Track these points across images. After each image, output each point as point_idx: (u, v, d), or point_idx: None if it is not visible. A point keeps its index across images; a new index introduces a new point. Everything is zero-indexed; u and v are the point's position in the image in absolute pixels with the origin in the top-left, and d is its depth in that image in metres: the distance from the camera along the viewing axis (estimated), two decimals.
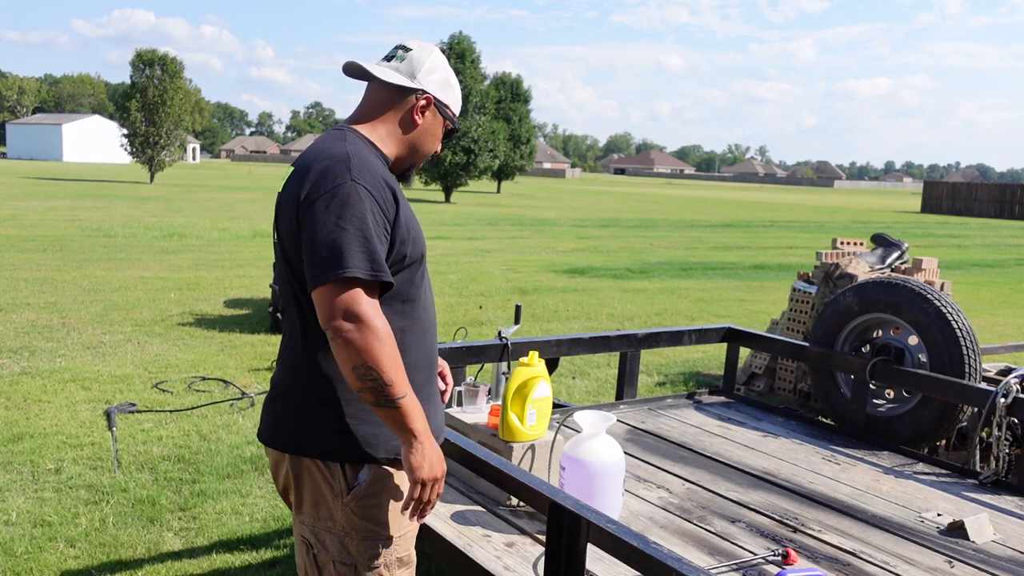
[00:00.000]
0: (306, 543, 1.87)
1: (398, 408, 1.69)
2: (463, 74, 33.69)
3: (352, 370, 1.67)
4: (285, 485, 1.92)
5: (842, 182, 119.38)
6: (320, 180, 1.72)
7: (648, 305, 10.38)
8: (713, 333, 4.27)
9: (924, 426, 3.56)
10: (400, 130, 1.90)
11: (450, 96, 1.95)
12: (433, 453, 1.77)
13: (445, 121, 1.96)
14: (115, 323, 7.90)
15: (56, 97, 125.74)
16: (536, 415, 2.66)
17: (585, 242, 18.62)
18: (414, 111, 1.89)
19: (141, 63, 37.91)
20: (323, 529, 1.84)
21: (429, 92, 1.90)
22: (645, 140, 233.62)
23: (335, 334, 1.66)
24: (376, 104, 1.89)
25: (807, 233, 24.14)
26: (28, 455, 4.48)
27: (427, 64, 1.90)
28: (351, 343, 1.65)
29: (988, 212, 40.17)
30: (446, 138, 2.01)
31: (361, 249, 1.67)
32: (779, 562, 2.38)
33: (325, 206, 1.69)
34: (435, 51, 1.94)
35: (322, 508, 1.83)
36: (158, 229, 16.85)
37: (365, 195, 1.71)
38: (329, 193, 1.70)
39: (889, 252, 5.82)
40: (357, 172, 1.73)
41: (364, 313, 1.65)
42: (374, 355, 1.65)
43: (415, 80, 1.88)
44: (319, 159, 1.77)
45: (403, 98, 1.89)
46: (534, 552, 2.40)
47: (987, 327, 9.54)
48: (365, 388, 1.68)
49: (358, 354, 1.65)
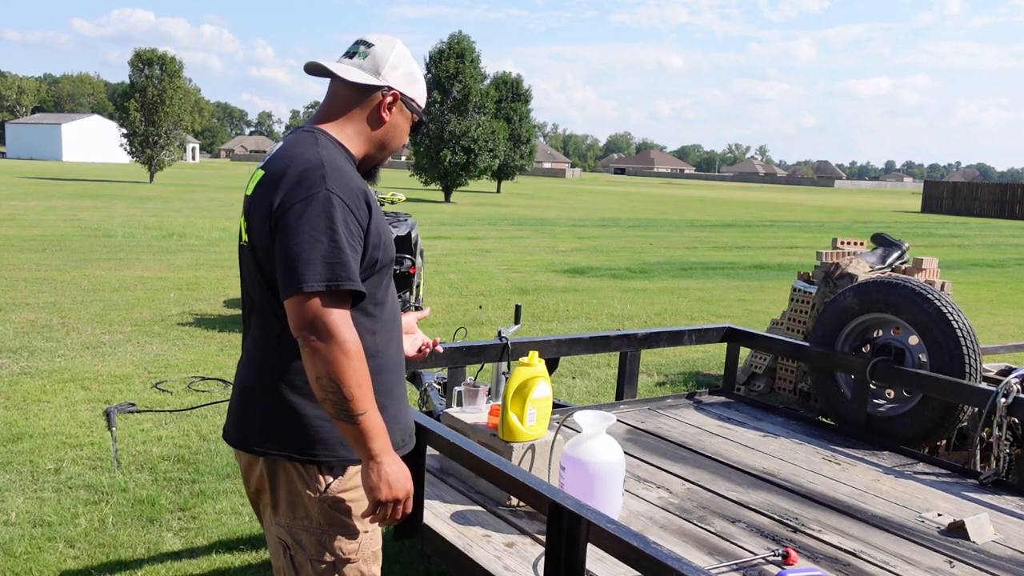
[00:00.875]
0: (283, 544, 1.87)
1: (357, 425, 1.68)
2: (463, 74, 33.68)
3: (316, 380, 1.67)
4: (258, 488, 1.90)
5: (842, 182, 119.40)
6: (295, 187, 1.70)
7: (648, 305, 10.38)
8: (713, 333, 4.27)
9: (924, 426, 3.55)
10: (368, 128, 1.87)
11: (415, 89, 1.92)
12: (392, 473, 1.74)
13: (412, 115, 1.93)
14: (115, 323, 7.90)
15: (55, 97, 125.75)
16: (536, 415, 2.66)
17: (585, 242, 18.62)
18: (381, 108, 1.86)
19: (140, 63, 37.91)
20: (300, 528, 1.83)
21: (395, 88, 1.86)
22: (645, 140, 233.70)
23: (304, 342, 1.67)
24: (341, 102, 1.86)
25: (807, 233, 24.14)
26: (28, 455, 4.48)
27: (391, 59, 1.86)
28: (317, 353, 1.65)
29: (988, 212, 40.17)
30: (414, 131, 1.98)
31: (334, 260, 1.67)
32: (779, 562, 2.38)
33: (299, 215, 1.68)
34: (397, 44, 1.89)
35: (298, 508, 1.83)
36: (158, 229, 16.85)
37: (339, 204, 1.70)
38: (304, 201, 1.68)
39: (889, 252, 5.82)
40: (332, 181, 1.71)
41: (333, 325, 1.66)
42: (338, 369, 1.65)
43: (380, 77, 1.84)
44: (292, 164, 1.74)
45: (368, 96, 1.85)
46: (534, 552, 2.40)
47: (987, 327, 9.54)
48: (327, 399, 1.68)
49: (323, 366, 1.65)
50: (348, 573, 1.85)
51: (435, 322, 8.48)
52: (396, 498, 1.76)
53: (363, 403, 1.68)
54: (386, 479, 1.73)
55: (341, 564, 1.84)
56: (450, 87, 33.54)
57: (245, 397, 1.88)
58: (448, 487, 2.84)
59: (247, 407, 1.87)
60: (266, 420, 1.82)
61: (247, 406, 1.87)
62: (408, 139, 2.00)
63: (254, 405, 1.85)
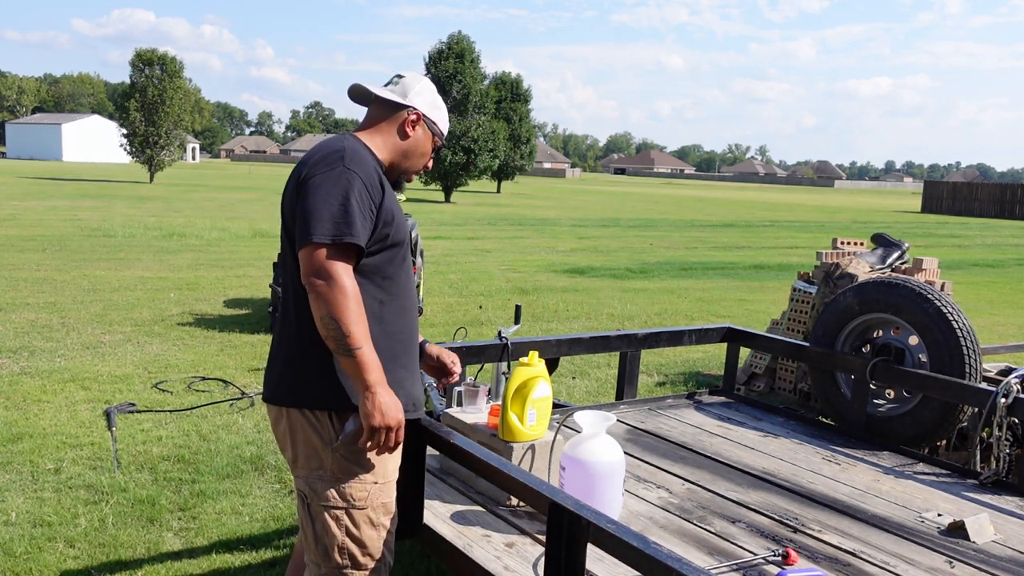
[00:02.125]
0: (302, 495, 2.11)
1: (354, 358, 1.93)
2: (462, 74, 33.67)
3: (320, 320, 1.93)
4: (283, 445, 2.15)
5: (842, 182, 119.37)
6: (318, 163, 2.03)
7: (648, 305, 10.38)
8: (713, 333, 4.27)
9: (924, 426, 3.55)
10: (393, 139, 2.22)
11: (437, 115, 2.29)
12: (385, 403, 1.97)
13: (434, 137, 2.29)
14: (115, 323, 7.90)
15: (55, 97, 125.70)
16: (536, 415, 2.66)
17: (585, 242, 18.62)
18: (405, 124, 2.22)
19: (140, 63, 37.90)
20: (316, 478, 2.08)
21: (418, 109, 2.23)
22: (645, 140, 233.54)
23: (310, 287, 1.94)
24: (374, 118, 2.23)
25: (807, 233, 24.14)
26: (28, 455, 4.48)
27: (416, 87, 2.25)
28: (320, 296, 1.92)
29: (988, 212, 40.16)
30: (435, 152, 2.33)
31: (341, 219, 1.95)
32: (779, 562, 2.38)
33: (318, 183, 1.99)
34: (425, 79, 2.31)
35: (313, 458, 2.08)
36: (158, 229, 16.85)
37: (354, 177, 2.00)
38: (323, 174, 2.00)
39: (889, 252, 5.82)
40: (350, 160, 2.03)
41: (335, 271, 1.92)
42: (338, 308, 1.91)
43: (406, 99, 2.22)
44: (319, 150, 2.08)
45: (396, 112, 2.22)
46: (534, 552, 2.40)
47: (987, 327, 9.54)
48: (329, 336, 1.94)
49: (325, 306, 1.91)
50: (358, 519, 2.09)
51: (435, 322, 8.48)
52: (388, 425, 1.98)
53: (359, 339, 1.93)
54: (379, 407, 1.96)
55: (352, 510, 2.08)
56: (450, 87, 33.54)
57: (273, 357, 2.18)
58: (448, 487, 2.84)
59: (274, 365, 2.16)
60: (288, 376, 2.10)
61: (274, 364, 2.16)
62: (431, 160, 2.33)
63: (278, 363, 2.14)
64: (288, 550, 3.56)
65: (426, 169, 2.36)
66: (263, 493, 4.14)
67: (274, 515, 3.89)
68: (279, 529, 3.76)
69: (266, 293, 9.25)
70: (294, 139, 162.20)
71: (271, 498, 4.08)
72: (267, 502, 4.03)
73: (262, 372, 6.29)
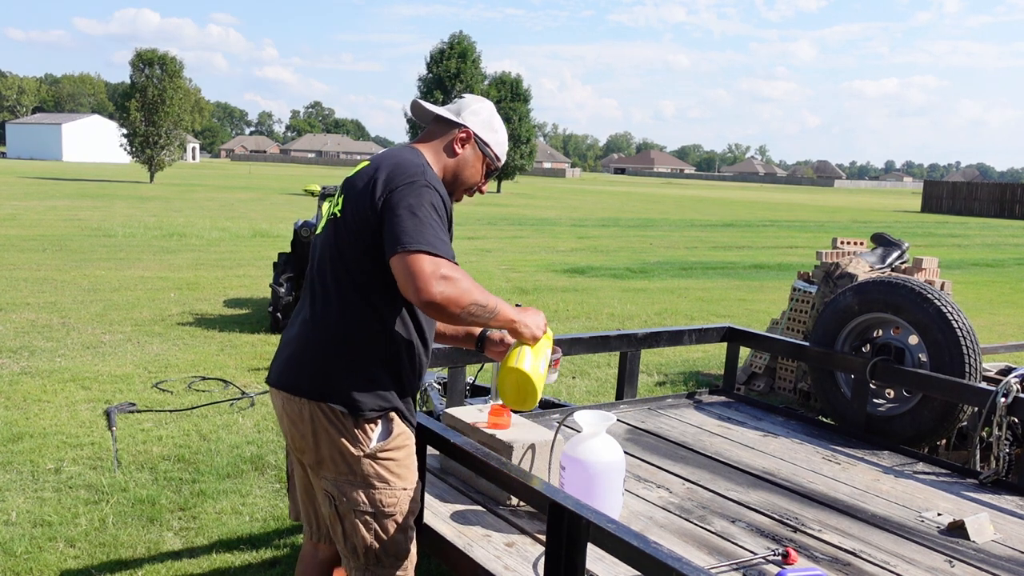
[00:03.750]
0: (329, 495, 2.12)
1: (499, 317, 2.09)
2: (464, 73, 33.68)
3: (460, 317, 1.98)
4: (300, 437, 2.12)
5: (842, 182, 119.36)
6: (401, 171, 2.05)
7: (648, 305, 10.38)
8: (713, 333, 4.27)
9: (924, 426, 3.55)
10: (443, 156, 2.24)
11: (491, 137, 2.28)
12: (530, 322, 2.23)
13: (486, 159, 2.29)
14: (115, 323, 7.90)
15: (56, 97, 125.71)
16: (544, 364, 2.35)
17: (585, 242, 18.62)
18: (455, 141, 2.24)
19: (141, 63, 37.92)
20: (344, 482, 2.10)
21: (470, 128, 2.24)
22: (645, 140, 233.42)
23: (430, 297, 1.93)
24: (428, 134, 2.28)
25: (807, 233, 24.14)
26: (28, 455, 4.48)
27: (473, 107, 2.28)
28: (449, 298, 1.94)
29: (988, 212, 40.16)
30: (488, 175, 2.33)
31: (438, 236, 1.99)
32: (779, 562, 2.38)
33: (405, 194, 2.01)
34: (485, 102, 2.34)
35: (341, 463, 2.09)
36: (158, 229, 16.85)
37: (435, 194, 2.05)
38: (407, 184, 2.02)
39: (889, 252, 5.82)
40: (430, 177, 2.08)
41: (446, 270, 1.95)
42: (471, 296, 1.98)
43: (460, 117, 2.25)
44: (399, 158, 2.12)
45: (448, 129, 2.25)
46: (534, 552, 2.40)
47: (987, 327, 9.54)
48: (473, 321, 2.03)
49: (457, 304, 1.96)
50: (387, 524, 2.12)
51: None
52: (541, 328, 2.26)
53: (493, 301, 2.06)
54: (528, 328, 2.22)
55: (381, 517, 2.11)
56: (451, 87, 33.54)
57: (295, 347, 2.14)
58: (448, 487, 2.84)
59: (299, 357, 2.12)
60: (314, 368, 2.09)
61: (298, 354, 2.13)
62: (484, 180, 2.34)
63: (305, 355, 2.11)
64: (288, 550, 3.56)
65: (480, 191, 2.36)
66: (263, 493, 4.14)
67: (274, 515, 3.89)
68: (279, 529, 3.76)
69: (266, 293, 9.25)
70: (294, 139, 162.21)
71: (271, 498, 4.08)
72: (267, 502, 4.04)
73: (262, 372, 6.32)
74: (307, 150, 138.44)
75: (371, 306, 2.07)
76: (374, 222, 2.02)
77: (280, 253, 8.16)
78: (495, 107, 2.35)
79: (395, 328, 2.11)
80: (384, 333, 2.09)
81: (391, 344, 2.11)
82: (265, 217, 21.05)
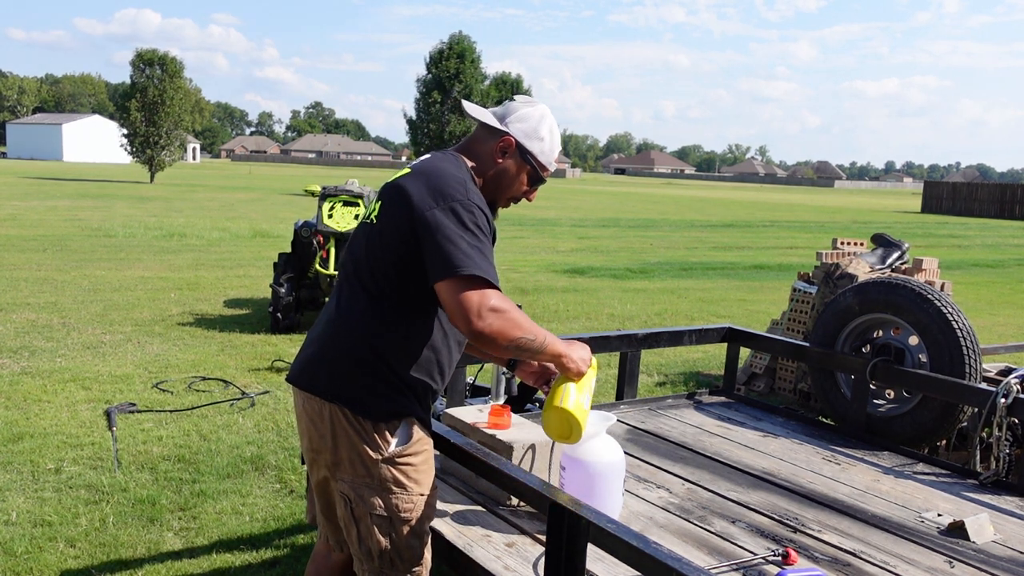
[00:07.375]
0: (345, 498, 2.10)
1: (547, 352, 2.05)
2: (463, 74, 33.67)
3: (503, 350, 1.96)
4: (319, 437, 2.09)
5: (842, 182, 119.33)
6: (442, 187, 1.98)
7: (648, 305, 10.38)
8: (713, 333, 4.27)
9: (924, 426, 3.55)
10: (483, 164, 2.15)
11: (535, 146, 2.16)
12: (577, 357, 2.14)
13: (530, 168, 2.17)
14: (115, 323, 7.90)
15: (56, 97, 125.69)
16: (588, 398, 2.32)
17: (585, 242, 18.62)
18: (496, 151, 2.14)
19: (141, 63, 37.93)
20: (362, 485, 2.07)
21: (513, 136, 2.13)
22: (645, 140, 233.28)
23: (479, 331, 1.90)
24: (473, 139, 2.18)
25: (807, 233, 24.14)
26: (28, 455, 4.48)
27: (519, 113, 2.16)
28: (496, 331, 1.91)
29: (988, 212, 40.15)
30: (532, 185, 2.21)
31: (487, 259, 1.94)
32: (779, 562, 2.38)
33: (447, 213, 1.94)
34: (537, 105, 2.19)
35: (359, 466, 2.06)
36: (158, 229, 16.85)
37: (479, 212, 1.98)
38: (450, 203, 1.95)
39: (889, 252, 5.82)
40: (472, 193, 2.00)
41: (498, 304, 1.91)
42: (519, 330, 1.95)
43: (503, 124, 2.14)
44: (440, 170, 2.04)
45: (492, 137, 2.15)
46: (534, 552, 2.40)
47: (987, 327, 9.54)
48: (522, 353, 2.01)
49: (505, 336, 1.93)
50: (403, 529, 2.10)
51: None
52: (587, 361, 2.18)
53: (541, 335, 2.02)
54: (576, 361, 2.13)
55: (397, 521, 2.09)
56: (451, 87, 33.55)
57: (319, 349, 2.11)
58: (448, 487, 2.84)
59: (324, 357, 2.09)
60: (339, 373, 2.06)
61: (324, 356, 2.09)
62: (530, 189, 2.22)
63: (330, 355, 2.08)
64: (288, 550, 3.56)
65: (528, 199, 2.25)
66: (263, 493, 4.14)
67: (274, 515, 3.89)
68: (279, 529, 3.76)
69: (266, 293, 9.25)
70: (294, 139, 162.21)
71: (271, 498, 4.08)
72: (267, 502, 4.04)
73: (262, 372, 6.33)
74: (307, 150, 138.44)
75: (397, 313, 2.04)
76: (407, 234, 1.98)
77: (280, 253, 8.16)
78: (547, 110, 2.19)
79: (420, 335, 2.08)
80: (409, 339, 2.07)
81: (415, 350, 2.08)
82: (265, 217, 21.06)
